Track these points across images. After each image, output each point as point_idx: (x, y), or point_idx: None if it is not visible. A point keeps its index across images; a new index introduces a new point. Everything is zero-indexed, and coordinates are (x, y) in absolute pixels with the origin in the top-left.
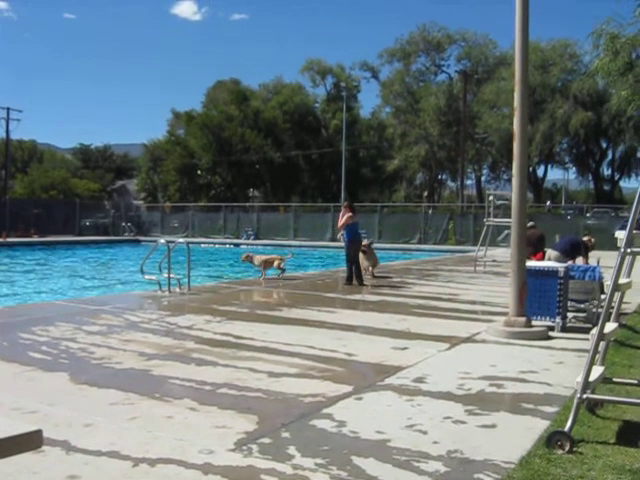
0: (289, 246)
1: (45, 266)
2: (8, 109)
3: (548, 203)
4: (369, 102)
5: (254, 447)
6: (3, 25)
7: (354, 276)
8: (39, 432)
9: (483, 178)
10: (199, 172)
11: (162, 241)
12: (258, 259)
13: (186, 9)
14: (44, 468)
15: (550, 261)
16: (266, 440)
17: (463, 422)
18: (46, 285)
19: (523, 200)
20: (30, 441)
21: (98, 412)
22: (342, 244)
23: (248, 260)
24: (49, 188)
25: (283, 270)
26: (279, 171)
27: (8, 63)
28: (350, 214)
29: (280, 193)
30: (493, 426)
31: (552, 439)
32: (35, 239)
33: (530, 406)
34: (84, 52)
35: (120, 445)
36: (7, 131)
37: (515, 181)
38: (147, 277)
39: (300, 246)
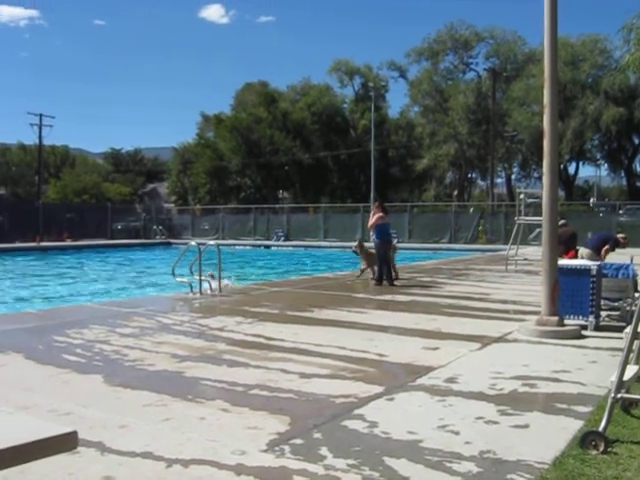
0: (318, 247)
1: (78, 270)
2: (41, 115)
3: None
4: (397, 102)
5: (286, 448)
6: (35, 32)
7: (384, 276)
8: (74, 433)
9: (513, 176)
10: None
11: (193, 243)
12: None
13: (214, 12)
14: (79, 469)
15: (583, 259)
16: (298, 441)
17: (495, 422)
18: (79, 288)
19: (554, 198)
20: (66, 442)
21: (132, 414)
22: (371, 244)
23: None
24: (81, 193)
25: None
26: (308, 172)
27: (40, 69)
28: (381, 214)
29: (309, 194)
30: (526, 426)
31: (586, 439)
32: (68, 243)
33: (563, 406)
34: (114, 57)
35: (154, 446)
36: (40, 137)
37: (546, 179)
38: (178, 279)
39: (330, 247)
